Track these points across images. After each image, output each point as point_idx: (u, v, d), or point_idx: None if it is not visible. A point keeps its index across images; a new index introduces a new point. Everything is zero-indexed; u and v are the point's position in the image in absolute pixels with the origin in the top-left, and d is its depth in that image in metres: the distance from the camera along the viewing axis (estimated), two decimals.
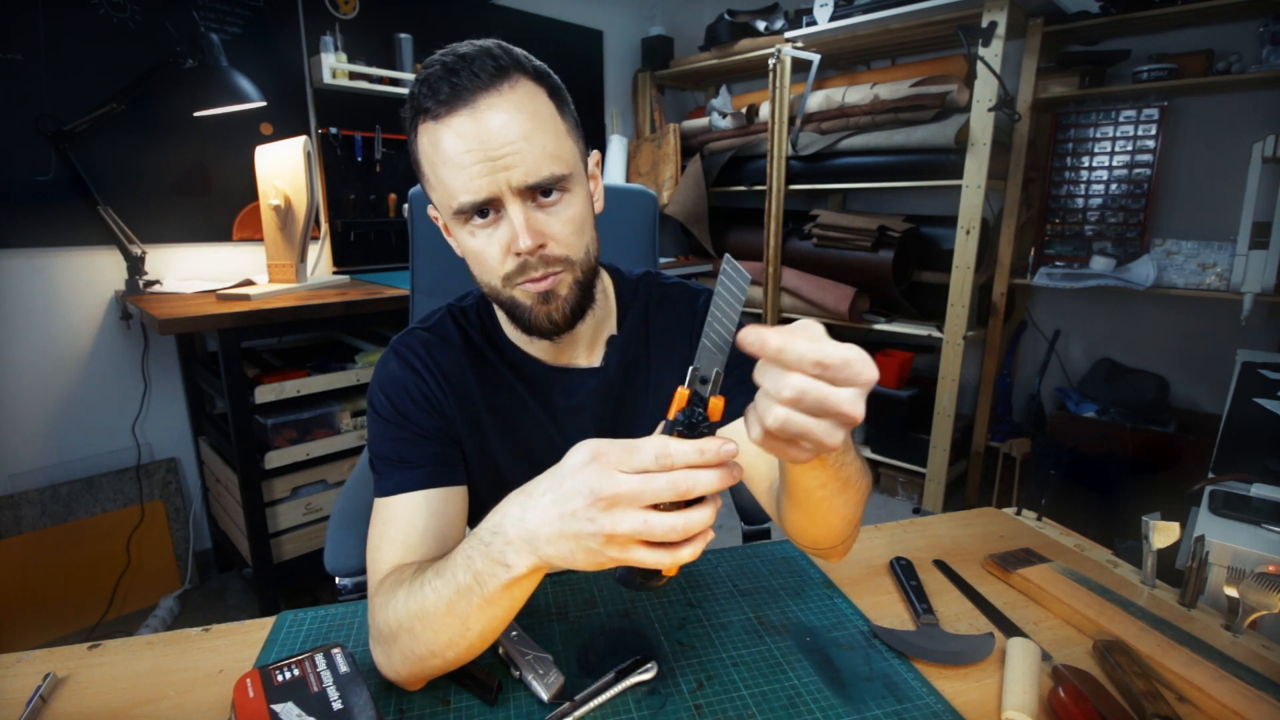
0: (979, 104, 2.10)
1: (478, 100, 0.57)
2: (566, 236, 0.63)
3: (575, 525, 0.43)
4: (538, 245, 0.60)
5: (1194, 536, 0.76)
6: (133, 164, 1.89)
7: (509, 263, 0.62)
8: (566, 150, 0.62)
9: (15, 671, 0.61)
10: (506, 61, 0.59)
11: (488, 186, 0.58)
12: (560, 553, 0.45)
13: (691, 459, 0.41)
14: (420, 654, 0.54)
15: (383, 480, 0.67)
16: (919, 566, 0.78)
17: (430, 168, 0.61)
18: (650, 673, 0.60)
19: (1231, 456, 1.28)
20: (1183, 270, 2.05)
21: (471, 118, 0.57)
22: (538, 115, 0.60)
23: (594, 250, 0.68)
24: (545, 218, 0.61)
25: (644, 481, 0.41)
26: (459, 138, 0.58)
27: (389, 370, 0.71)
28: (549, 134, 0.60)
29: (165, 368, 2.03)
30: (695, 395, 0.44)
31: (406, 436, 0.68)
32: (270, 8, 2.08)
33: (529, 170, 0.59)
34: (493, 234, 0.62)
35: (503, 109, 0.58)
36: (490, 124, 0.57)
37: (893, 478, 2.69)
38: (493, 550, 0.48)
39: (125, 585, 1.93)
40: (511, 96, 0.58)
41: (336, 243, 2.31)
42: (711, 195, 2.92)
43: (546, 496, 0.45)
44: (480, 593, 0.49)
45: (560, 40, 2.87)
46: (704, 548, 0.44)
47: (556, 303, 0.64)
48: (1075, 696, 0.55)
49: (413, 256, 1.06)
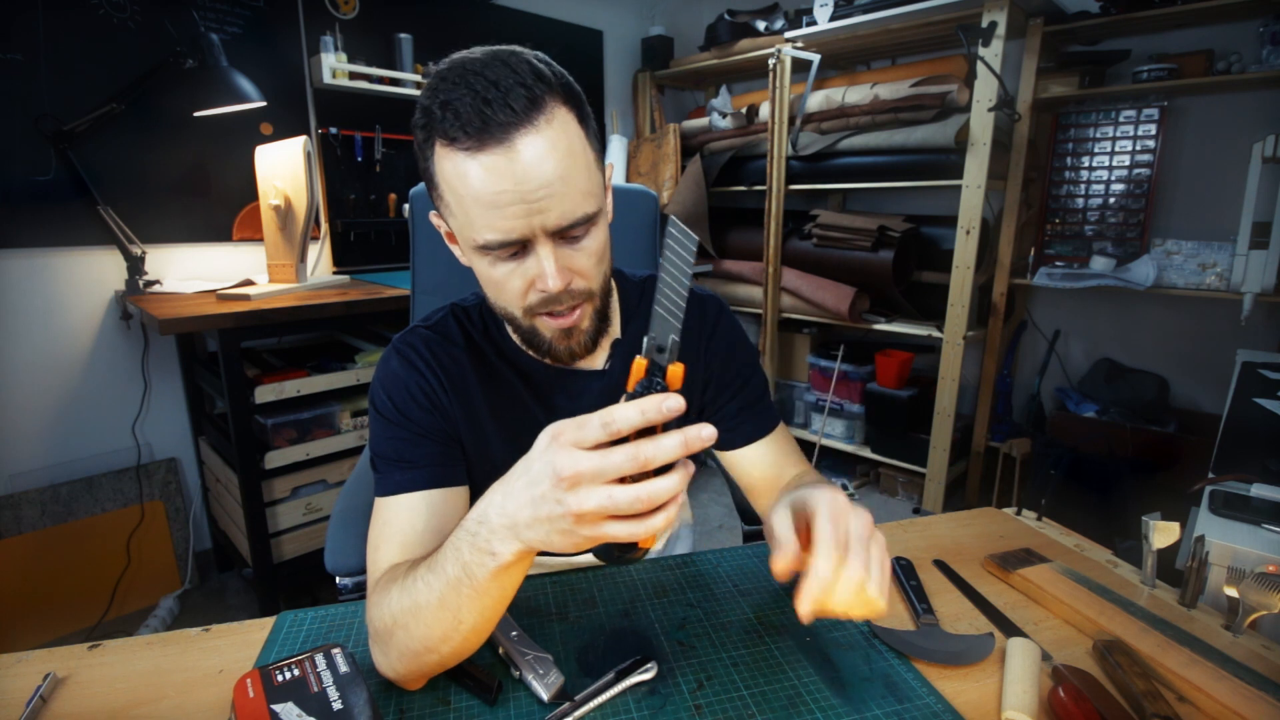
0: (979, 104, 2.10)
1: (513, 139, 0.54)
2: (590, 269, 0.62)
3: (546, 508, 0.43)
4: (565, 285, 0.60)
5: (1194, 536, 0.76)
6: (133, 164, 1.89)
7: (532, 296, 0.61)
8: (596, 185, 0.60)
9: (15, 671, 0.61)
10: (540, 91, 0.55)
11: (520, 229, 0.56)
12: (538, 536, 0.44)
13: (634, 420, 0.40)
14: (415, 649, 0.54)
15: (383, 480, 0.66)
16: (919, 566, 0.78)
17: (453, 195, 0.58)
18: (650, 673, 0.60)
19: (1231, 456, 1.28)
20: (1183, 270, 2.05)
21: (506, 157, 0.54)
22: (572, 151, 0.57)
23: (609, 272, 0.68)
24: (571, 253, 0.61)
25: (603, 457, 0.41)
26: (492, 176, 0.54)
27: (390, 368, 0.71)
28: (582, 171, 0.58)
29: (165, 368, 2.03)
30: (653, 364, 0.44)
31: (407, 436, 0.67)
32: (270, 8, 2.08)
33: (564, 213, 0.57)
34: (516, 268, 0.60)
35: (539, 149, 0.54)
36: (526, 164, 0.54)
37: (893, 478, 2.69)
38: (479, 540, 0.48)
39: (125, 585, 1.93)
40: (548, 133, 0.55)
41: (336, 243, 2.31)
42: (711, 195, 2.92)
43: (520, 481, 0.45)
44: (470, 583, 0.49)
45: (560, 40, 2.87)
46: (677, 515, 0.43)
47: (578, 336, 0.65)
48: (1075, 696, 0.55)
49: (413, 256, 1.06)
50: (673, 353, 0.43)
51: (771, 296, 2.74)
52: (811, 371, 2.83)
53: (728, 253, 2.98)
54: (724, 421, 0.80)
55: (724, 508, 2.61)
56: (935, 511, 2.42)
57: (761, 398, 0.81)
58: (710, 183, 2.89)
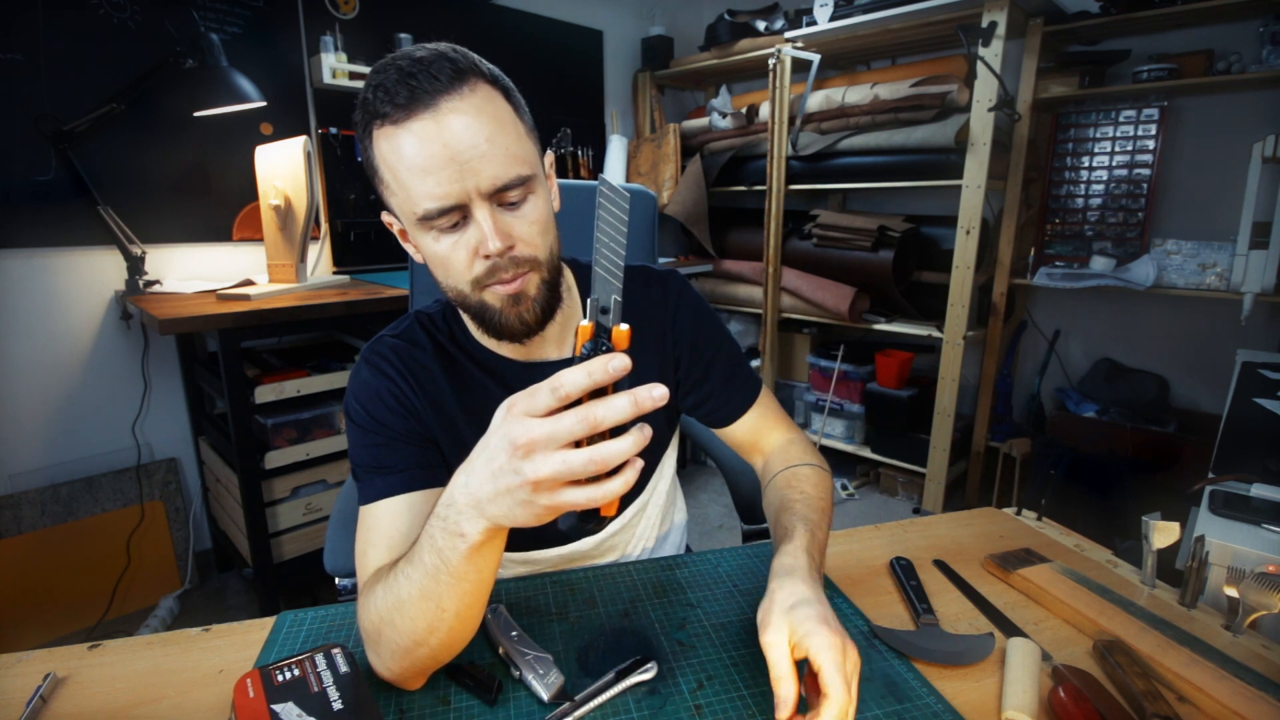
0: (979, 104, 2.10)
1: (439, 103, 0.56)
2: (533, 237, 0.63)
3: (504, 480, 0.43)
4: (506, 247, 0.61)
5: (1194, 536, 0.76)
6: (133, 164, 1.89)
7: (477, 266, 0.62)
8: (527, 151, 0.62)
9: (15, 671, 0.61)
10: (464, 65, 0.58)
11: (456, 192, 0.58)
12: (501, 510, 0.45)
13: (581, 383, 0.41)
14: (405, 645, 0.54)
15: (364, 488, 0.67)
16: (919, 566, 0.78)
17: (390, 173, 0.60)
18: (650, 673, 0.60)
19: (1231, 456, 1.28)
20: (1183, 270, 2.05)
21: (434, 121, 0.56)
22: (498, 117, 0.59)
23: (557, 250, 0.68)
24: (511, 219, 0.62)
25: (554, 422, 0.41)
26: (422, 141, 0.57)
27: (361, 378, 0.71)
28: (510, 135, 0.60)
29: (165, 368, 2.03)
30: (599, 327, 0.44)
31: (383, 442, 0.68)
32: (270, 8, 2.08)
33: (495, 173, 0.58)
34: (459, 239, 0.61)
35: (464, 112, 0.57)
36: (453, 127, 0.57)
37: (893, 478, 2.69)
38: (448, 523, 0.48)
39: (125, 585, 1.93)
40: (472, 100, 0.58)
41: (336, 243, 2.31)
42: (711, 195, 2.92)
43: (480, 458, 0.46)
44: (446, 570, 0.49)
45: (560, 40, 2.87)
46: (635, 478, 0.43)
47: (526, 303, 0.65)
48: (1075, 696, 0.55)
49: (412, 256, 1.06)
50: (616, 313, 0.43)
51: (771, 296, 2.75)
52: (811, 371, 2.83)
53: (728, 253, 2.98)
54: (712, 399, 0.81)
55: (724, 508, 2.61)
56: (935, 511, 2.42)
57: (740, 364, 0.83)
58: (710, 183, 2.89)
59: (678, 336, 0.80)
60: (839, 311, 2.52)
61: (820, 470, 0.76)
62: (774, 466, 0.79)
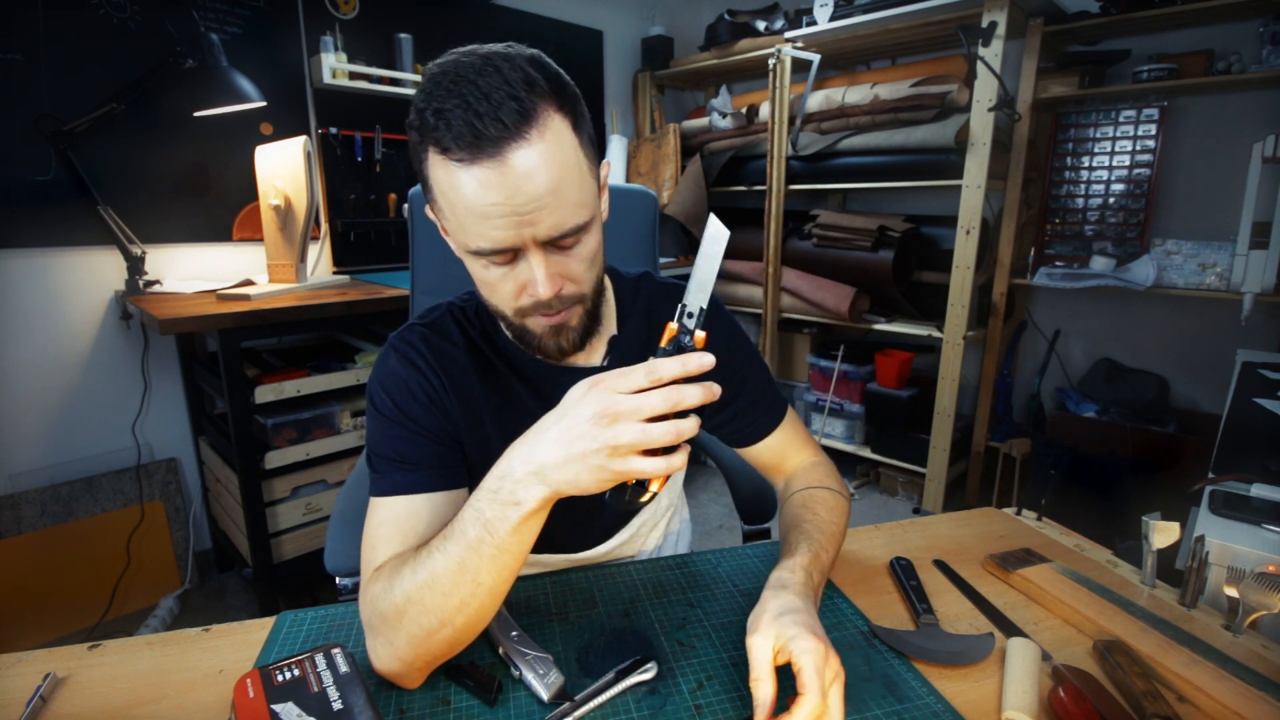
0: (979, 104, 2.10)
1: (505, 153, 0.53)
2: (582, 274, 0.63)
3: (581, 445, 0.48)
4: (557, 290, 0.61)
5: (1194, 536, 0.76)
6: (133, 164, 1.89)
7: (524, 299, 0.62)
8: (589, 193, 0.61)
9: (15, 671, 0.61)
10: (532, 101, 0.54)
11: (511, 239, 0.57)
12: (567, 476, 0.49)
13: (676, 371, 0.48)
14: (430, 626, 0.54)
15: (381, 480, 0.66)
16: (919, 566, 0.78)
17: (445, 201, 0.58)
18: (650, 673, 0.60)
19: (1231, 456, 1.28)
20: (1183, 270, 2.05)
21: (498, 171, 0.54)
22: (565, 163, 0.57)
23: (602, 273, 0.69)
24: (563, 259, 0.61)
25: (642, 398, 0.47)
26: (484, 189, 0.55)
27: (389, 366, 0.70)
28: (575, 182, 0.58)
29: (165, 368, 2.03)
30: (683, 328, 0.51)
31: (407, 435, 0.67)
32: (270, 8, 2.08)
33: (555, 223, 0.57)
34: (508, 272, 0.61)
35: (531, 162, 0.54)
36: (517, 178, 0.54)
37: (893, 478, 2.69)
38: (501, 494, 0.51)
39: (125, 585, 1.93)
40: (539, 146, 0.55)
41: (336, 243, 2.31)
42: (711, 195, 2.92)
43: (553, 430, 0.50)
44: (491, 541, 0.52)
45: (560, 40, 2.87)
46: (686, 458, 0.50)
47: (567, 333, 0.66)
48: (1075, 696, 0.55)
49: (413, 256, 1.06)
50: (699, 320, 0.51)
51: (771, 296, 2.75)
52: (811, 371, 2.83)
53: (728, 253, 2.97)
54: (736, 420, 0.82)
55: (724, 508, 2.61)
56: (935, 511, 2.42)
57: (769, 386, 0.84)
58: (710, 183, 2.89)
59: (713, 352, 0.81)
60: (839, 311, 2.52)
61: (839, 496, 0.77)
62: (794, 486, 0.80)
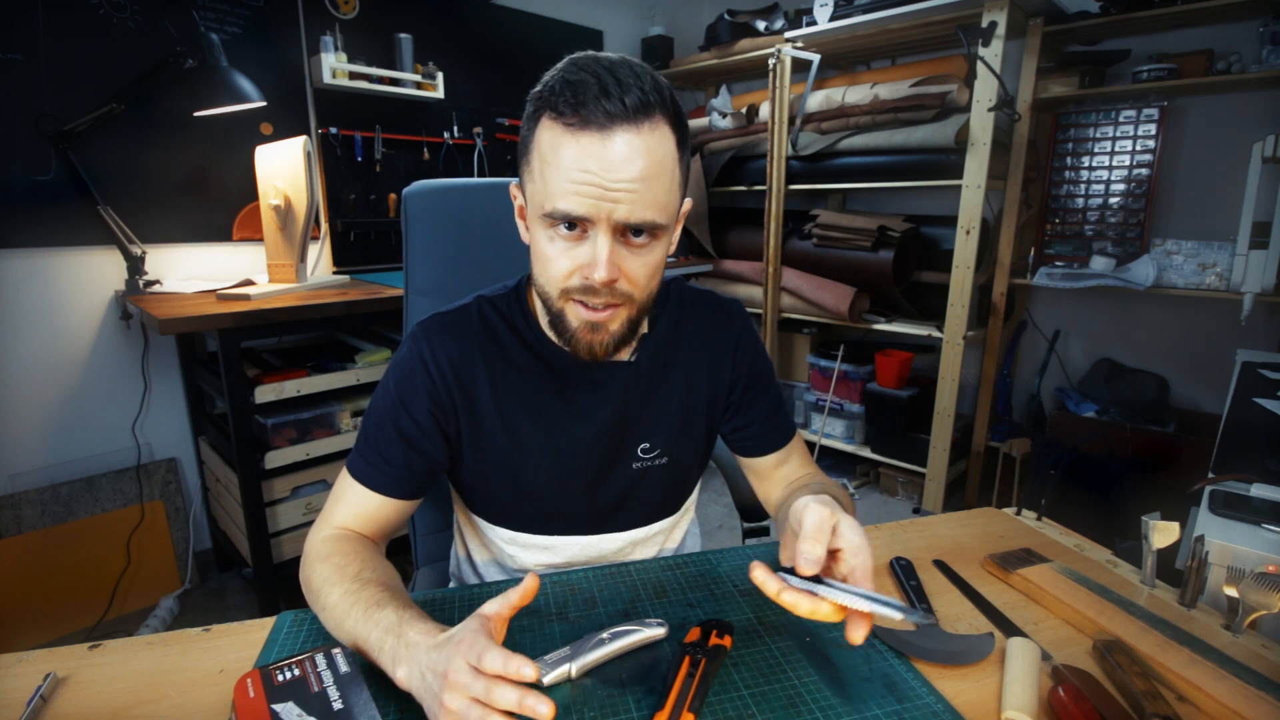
0: (979, 104, 2.10)
1: (613, 129, 0.58)
2: (639, 278, 0.65)
3: (427, 684, 0.50)
4: (611, 279, 0.62)
5: (1194, 536, 0.76)
6: (133, 164, 1.89)
7: (575, 279, 0.63)
8: (673, 204, 0.64)
9: (15, 671, 0.61)
10: (654, 100, 0.59)
11: (589, 208, 0.59)
12: (421, 698, 0.51)
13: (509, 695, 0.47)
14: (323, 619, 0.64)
15: (358, 459, 0.72)
16: (919, 566, 0.78)
17: (540, 160, 0.61)
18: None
19: (1231, 456, 1.28)
20: (1183, 270, 2.05)
21: (601, 142, 0.58)
22: (662, 163, 0.60)
23: (655, 293, 0.70)
24: (627, 254, 0.63)
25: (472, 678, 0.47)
26: (582, 154, 0.58)
27: (407, 365, 0.74)
28: (664, 184, 0.61)
29: (165, 368, 2.03)
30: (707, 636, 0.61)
31: (392, 431, 0.72)
32: (270, 8, 2.08)
33: (633, 210, 0.60)
34: (571, 249, 0.63)
35: (632, 145, 0.58)
36: (616, 154, 0.58)
37: (893, 478, 2.69)
38: (398, 653, 0.54)
39: (125, 585, 1.93)
40: (646, 137, 0.59)
41: (336, 243, 2.31)
42: (711, 195, 2.92)
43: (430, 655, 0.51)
44: (372, 655, 0.56)
45: (560, 40, 2.87)
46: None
47: (603, 334, 0.67)
48: (1075, 696, 0.55)
49: (407, 256, 1.04)
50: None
51: (771, 296, 2.75)
52: (811, 371, 2.83)
53: (728, 253, 2.98)
54: (751, 427, 0.84)
55: (724, 508, 2.61)
56: (935, 511, 2.42)
57: (781, 406, 0.86)
58: (710, 183, 2.89)
59: (737, 362, 0.83)
60: (839, 311, 2.52)
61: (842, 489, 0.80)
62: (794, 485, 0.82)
